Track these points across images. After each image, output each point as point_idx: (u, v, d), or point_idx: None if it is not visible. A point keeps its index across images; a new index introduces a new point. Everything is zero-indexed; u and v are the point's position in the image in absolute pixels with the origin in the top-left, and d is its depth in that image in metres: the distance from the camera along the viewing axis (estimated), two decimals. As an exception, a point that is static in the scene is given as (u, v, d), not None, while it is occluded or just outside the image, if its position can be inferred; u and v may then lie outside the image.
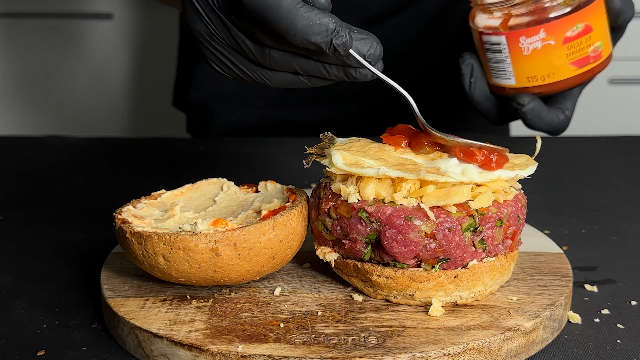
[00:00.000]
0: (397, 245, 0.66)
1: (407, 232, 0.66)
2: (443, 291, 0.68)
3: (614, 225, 0.96)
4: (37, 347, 0.68)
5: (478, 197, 0.67)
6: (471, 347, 0.63)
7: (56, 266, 0.85)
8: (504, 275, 0.71)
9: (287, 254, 0.70)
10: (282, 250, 0.69)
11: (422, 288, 0.68)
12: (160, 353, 0.65)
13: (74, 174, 1.17)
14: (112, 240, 0.85)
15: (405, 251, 0.66)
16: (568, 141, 1.32)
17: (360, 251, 0.69)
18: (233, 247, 0.66)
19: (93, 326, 0.72)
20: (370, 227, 0.67)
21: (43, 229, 0.96)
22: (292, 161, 1.18)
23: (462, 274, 0.68)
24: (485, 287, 0.69)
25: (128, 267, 0.77)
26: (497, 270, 0.69)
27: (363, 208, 0.67)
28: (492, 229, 0.67)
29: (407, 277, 0.68)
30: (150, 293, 0.72)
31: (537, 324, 0.67)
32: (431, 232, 0.66)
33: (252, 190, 0.78)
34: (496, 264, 0.69)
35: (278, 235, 0.68)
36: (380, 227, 0.66)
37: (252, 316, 0.67)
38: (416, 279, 0.67)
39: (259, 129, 1.38)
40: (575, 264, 0.83)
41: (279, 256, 0.69)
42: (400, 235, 0.66)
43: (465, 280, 0.68)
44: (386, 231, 0.66)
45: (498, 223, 0.68)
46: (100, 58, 2.36)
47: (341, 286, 0.73)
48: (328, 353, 0.61)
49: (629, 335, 0.70)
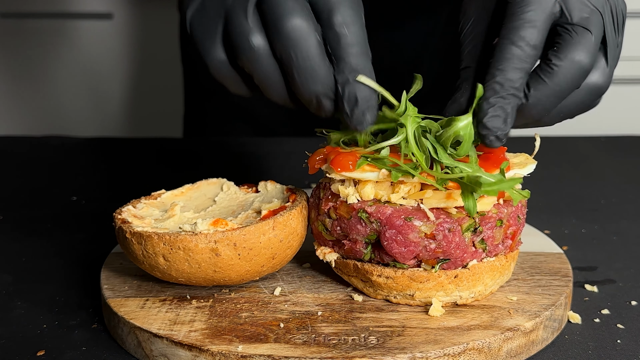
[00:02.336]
0: (397, 245, 0.66)
1: (407, 232, 0.66)
2: (443, 291, 0.68)
3: (614, 225, 0.96)
4: (37, 347, 0.68)
5: (480, 200, 0.67)
6: (471, 347, 0.63)
7: (56, 266, 0.85)
8: (504, 275, 0.71)
9: (287, 254, 0.70)
10: (282, 250, 0.69)
11: (422, 288, 0.68)
12: (160, 353, 0.65)
13: (74, 174, 1.17)
14: (112, 240, 0.85)
15: (405, 252, 0.66)
16: (568, 141, 1.32)
17: (360, 251, 0.69)
18: (233, 247, 0.66)
19: (93, 326, 0.72)
20: (370, 228, 0.67)
21: (43, 229, 0.96)
22: (292, 161, 1.18)
23: (462, 274, 0.68)
24: (485, 287, 0.69)
25: (128, 267, 0.77)
26: (497, 270, 0.69)
27: (363, 208, 0.67)
28: (492, 229, 0.67)
29: (407, 277, 0.68)
30: (150, 293, 0.72)
31: (537, 324, 0.67)
32: (431, 233, 0.66)
33: (252, 190, 0.78)
34: (496, 264, 0.69)
35: (278, 235, 0.68)
36: (380, 227, 0.66)
37: (252, 316, 0.67)
38: (416, 279, 0.67)
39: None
40: (575, 264, 0.83)
41: (279, 256, 0.69)
42: (400, 236, 0.66)
43: (466, 280, 0.68)
44: (386, 231, 0.66)
45: (498, 223, 0.68)
46: (100, 58, 2.36)
47: (341, 286, 0.73)
48: (328, 353, 0.61)
49: (629, 335, 0.70)
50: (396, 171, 0.65)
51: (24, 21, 2.37)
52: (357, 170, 0.67)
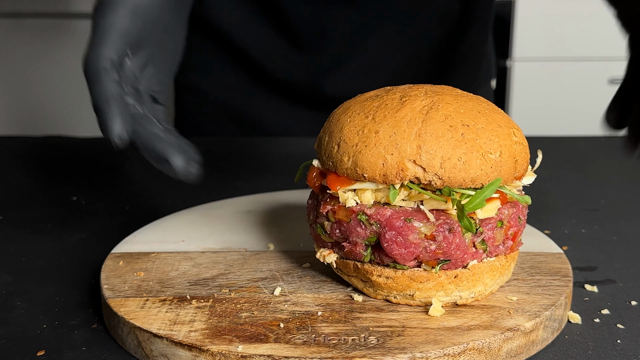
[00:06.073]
0: (397, 247, 0.66)
1: (407, 233, 0.66)
2: (443, 291, 0.68)
3: (614, 225, 0.96)
4: (37, 347, 0.68)
5: (483, 208, 0.67)
6: (471, 347, 0.63)
7: (56, 266, 0.85)
8: (504, 275, 0.71)
9: None
10: None
11: (422, 288, 0.68)
12: (160, 353, 0.65)
13: (74, 174, 1.17)
14: (112, 240, 0.86)
15: (405, 253, 0.66)
16: (568, 141, 1.32)
17: (360, 254, 0.68)
18: None
19: (93, 326, 0.72)
20: (370, 230, 0.67)
21: (43, 229, 0.96)
22: (291, 161, 1.18)
23: (462, 274, 0.68)
24: (485, 287, 0.69)
25: (128, 267, 0.77)
26: (498, 270, 0.69)
27: (362, 211, 0.67)
28: (492, 230, 0.67)
29: (407, 277, 0.68)
30: (150, 293, 0.72)
31: (537, 324, 0.67)
32: (431, 234, 0.66)
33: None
34: (496, 264, 0.69)
35: None
36: (379, 229, 0.66)
37: (252, 316, 0.67)
38: (416, 279, 0.67)
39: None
40: (575, 264, 0.83)
41: None
42: (400, 237, 0.66)
43: (466, 281, 0.68)
44: (386, 233, 0.66)
45: (499, 224, 0.68)
46: (100, 58, 2.35)
47: (341, 286, 0.73)
48: (328, 353, 0.61)
49: (629, 335, 0.70)
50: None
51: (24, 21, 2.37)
52: (356, 183, 0.67)
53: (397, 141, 0.65)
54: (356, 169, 0.66)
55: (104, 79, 0.70)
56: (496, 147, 0.66)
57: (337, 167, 0.68)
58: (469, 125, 0.66)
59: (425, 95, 0.68)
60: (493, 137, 0.66)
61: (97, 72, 0.71)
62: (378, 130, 0.66)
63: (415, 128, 0.65)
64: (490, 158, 0.65)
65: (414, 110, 0.66)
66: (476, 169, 0.65)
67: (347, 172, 0.67)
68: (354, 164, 0.66)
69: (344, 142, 0.67)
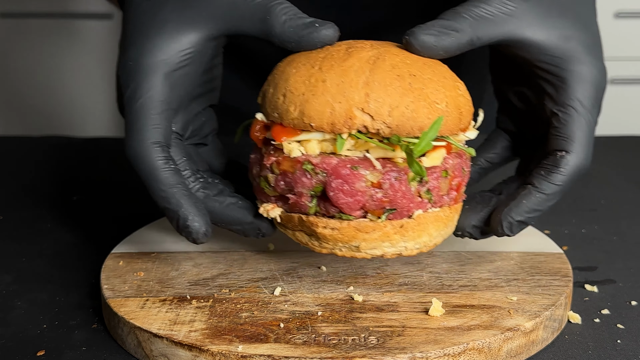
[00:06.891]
0: (344, 195, 0.65)
1: (354, 181, 0.65)
2: (389, 242, 0.67)
3: (614, 225, 0.96)
4: (37, 347, 0.68)
5: (429, 155, 0.66)
6: (471, 347, 0.63)
7: (56, 266, 0.85)
8: (448, 227, 0.71)
9: None
10: None
11: (368, 239, 0.67)
12: (160, 353, 0.65)
13: (74, 174, 1.17)
14: (112, 240, 0.86)
15: (351, 202, 0.65)
16: (568, 141, 1.31)
17: (305, 205, 0.67)
18: None
19: (93, 326, 0.72)
20: (316, 179, 0.66)
21: (43, 229, 0.96)
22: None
23: (408, 224, 0.67)
24: (430, 237, 0.69)
25: (128, 267, 0.77)
26: (442, 221, 0.69)
27: (308, 160, 0.66)
28: (437, 179, 0.67)
29: (353, 228, 0.67)
30: (150, 293, 0.72)
31: (537, 324, 0.67)
32: (378, 182, 0.65)
33: None
34: (441, 214, 0.69)
35: None
36: (325, 178, 0.65)
37: (252, 316, 0.67)
38: (362, 229, 0.67)
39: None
40: (575, 264, 0.83)
41: None
42: (347, 185, 0.65)
43: (411, 231, 0.67)
44: (332, 182, 0.65)
45: (444, 174, 0.68)
46: (100, 58, 2.36)
47: (341, 286, 0.73)
48: (328, 353, 0.61)
49: (629, 335, 0.70)
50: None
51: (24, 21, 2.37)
52: (302, 133, 0.66)
53: (345, 89, 0.65)
54: (303, 119, 0.66)
55: (160, 175, 0.67)
56: (442, 98, 0.66)
57: (283, 118, 0.67)
58: (416, 75, 0.66)
59: (371, 47, 0.68)
60: (439, 88, 0.67)
61: (149, 167, 0.67)
62: (325, 79, 0.65)
63: (363, 77, 0.65)
64: (437, 107, 0.66)
65: (361, 60, 0.66)
66: (424, 117, 0.65)
67: (294, 122, 0.66)
68: (300, 114, 0.66)
69: (290, 92, 0.67)
